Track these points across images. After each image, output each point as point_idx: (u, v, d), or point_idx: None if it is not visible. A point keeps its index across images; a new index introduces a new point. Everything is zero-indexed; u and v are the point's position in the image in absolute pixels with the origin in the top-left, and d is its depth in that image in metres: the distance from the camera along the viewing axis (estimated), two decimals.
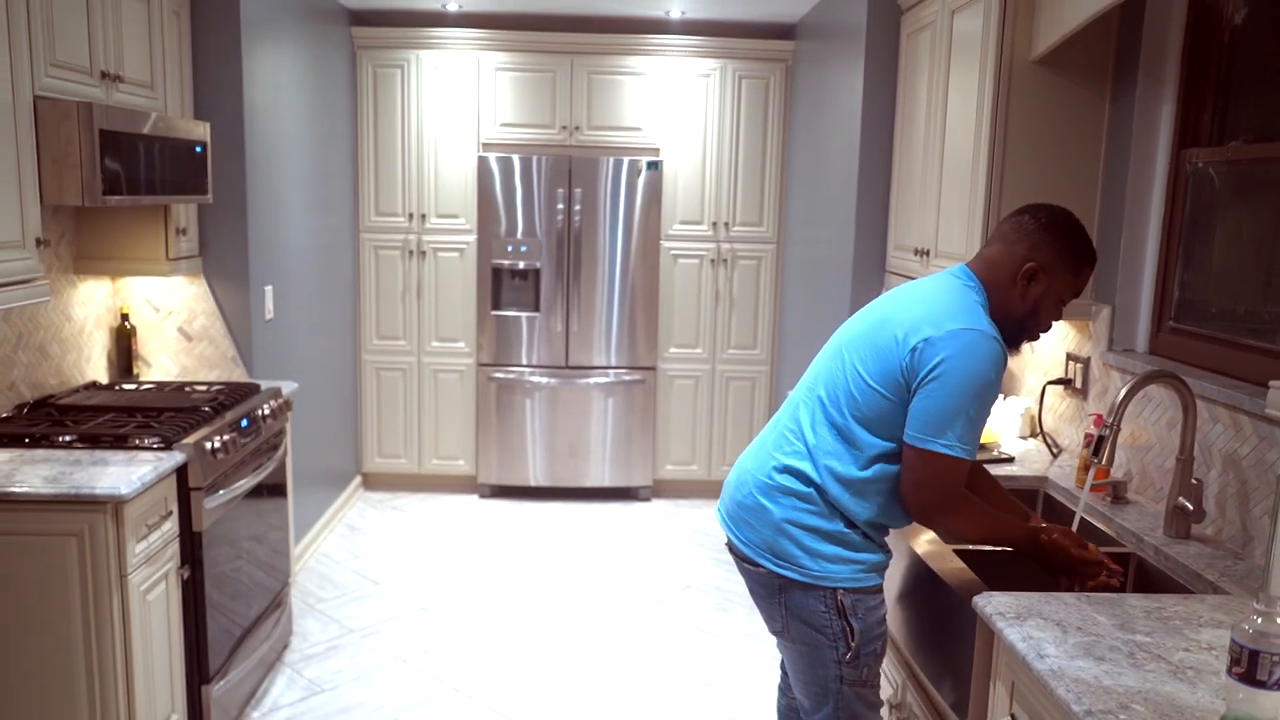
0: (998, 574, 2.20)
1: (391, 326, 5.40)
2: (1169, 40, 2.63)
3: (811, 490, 2.00)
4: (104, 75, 2.90)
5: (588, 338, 5.34)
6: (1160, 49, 2.65)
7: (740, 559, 2.12)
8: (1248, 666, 1.34)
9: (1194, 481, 2.22)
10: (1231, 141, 2.47)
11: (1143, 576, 2.24)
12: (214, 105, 3.66)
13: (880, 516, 2.01)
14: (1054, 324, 1.99)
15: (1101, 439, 2.17)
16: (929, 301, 1.95)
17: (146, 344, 3.71)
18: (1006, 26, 2.79)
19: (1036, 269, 1.94)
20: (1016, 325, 1.98)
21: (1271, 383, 1.60)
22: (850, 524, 1.99)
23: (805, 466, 2.01)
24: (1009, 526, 2.04)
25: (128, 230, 3.32)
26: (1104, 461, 2.30)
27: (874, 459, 1.96)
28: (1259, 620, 1.35)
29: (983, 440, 2.88)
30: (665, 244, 5.35)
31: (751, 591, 2.14)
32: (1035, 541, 2.02)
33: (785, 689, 2.42)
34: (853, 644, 2.00)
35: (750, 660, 3.67)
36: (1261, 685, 1.33)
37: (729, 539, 2.15)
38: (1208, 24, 2.55)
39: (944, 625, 2.13)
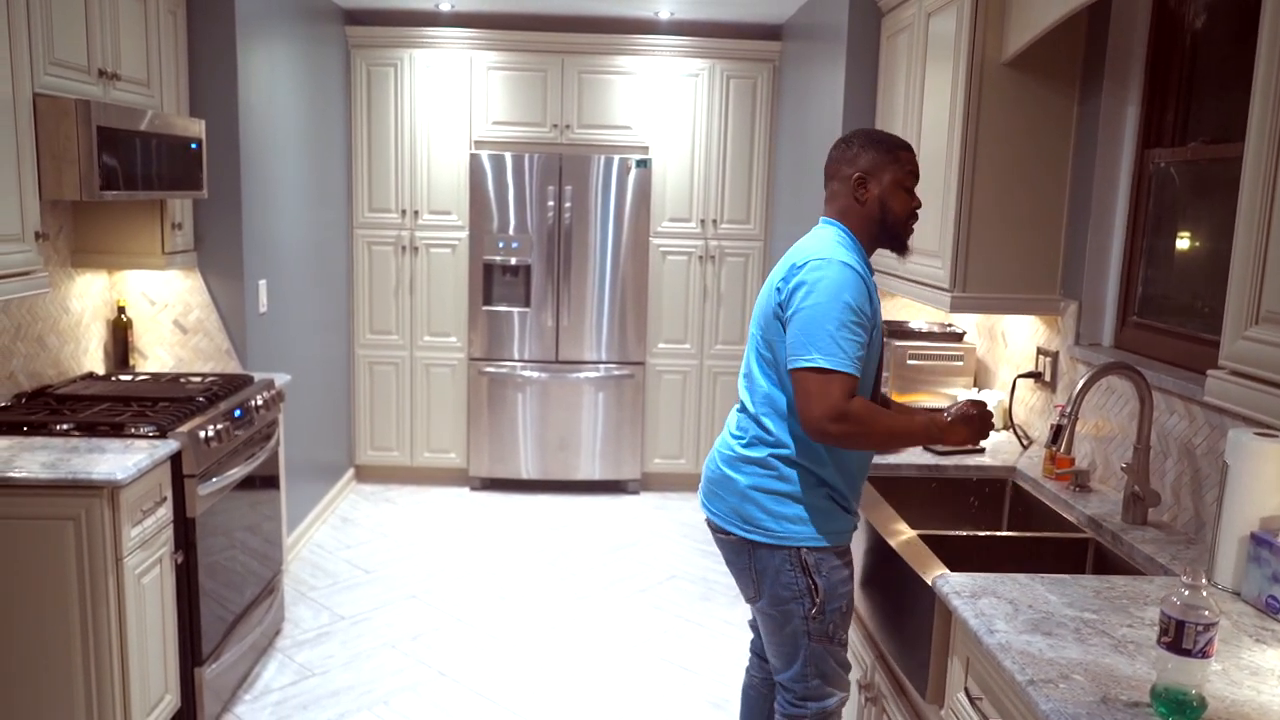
0: (962, 558, 2.29)
1: (384, 321, 5.48)
2: (1134, 44, 2.71)
3: (767, 455, 2.17)
4: (101, 73, 2.98)
5: (578, 333, 5.42)
6: (1125, 52, 2.73)
7: (715, 530, 2.29)
8: (1175, 636, 1.42)
9: (1124, 464, 2.30)
10: (1192, 142, 2.55)
11: (1100, 561, 2.33)
12: (209, 102, 3.74)
13: (838, 463, 2.16)
14: (916, 210, 2.22)
15: (1060, 428, 2.26)
16: (791, 254, 2.18)
17: (142, 336, 3.79)
18: (978, 29, 2.87)
19: (863, 176, 2.18)
20: (881, 228, 2.21)
21: (1209, 372, 1.68)
22: (810, 485, 2.15)
23: (758, 435, 2.19)
24: (904, 421, 2.18)
25: (124, 225, 3.40)
26: (1063, 450, 2.39)
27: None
28: (1186, 593, 1.43)
29: None
30: (654, 241, 5.43)
31: (727, 561, 2.30)
32: (938, 425, 2.16)
33: (752, 669, 2.56)
34: (818, 599, 2.16)
35: (730, 646, 3.76)
36: (1188, 654, 1.42)
37: (706, 516, 2.32)
38: (1170, 28, 2.63)
39: (908, 607, 2.21)
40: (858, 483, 2.24)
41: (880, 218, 2.20)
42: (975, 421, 2.16)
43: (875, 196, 2.19)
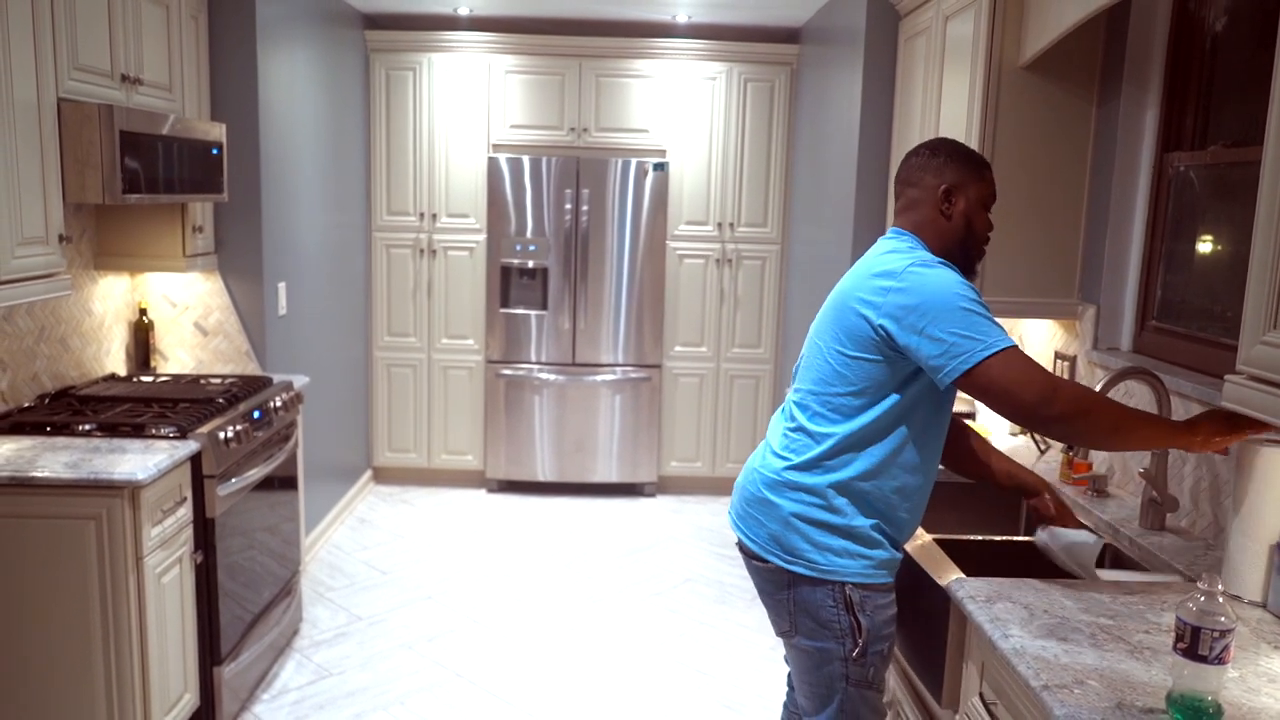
0: (978, 563, 2.28)
1: (402, 323, 5.51)
2: (1153, 47, 2.70)
3: (819, 483, 1.95)
4: (124, 78, 3.02)
5: (595, 336, 5.43)
6: (1145, 55, 2.72)
7: (749, 556, 2.09)
8: (1190, 642, 1.42)
9: (1142, 469, 2.29)
10: (1212, 146, 2.53)
11: (1117, 566, 2.31)
12: (230, 106, 3.77)
13: (901, 497, 1.97)
14: (989, 232, 2.07)
15: None
16: (870, 265, 1.99)
17: (163, 338, 3.82)
18: (996, 32, 2.86)
19: (950, 188, 2.02)
20: (960, 247, 2.04)
21: (1227, 377, 1.68)
22: (861, 516, 1.95)
23: (811, 459, 1.97)
24: (1147, 418, 1.86)
25: (146, 228, 3.43)
26: (1080, 454, 2.37)
27: (882, 431, 1.93)
28: (1202, 599, 1.43)
29: None
30: (671, 244, 5.44)
31: (760, 589, 2.11)
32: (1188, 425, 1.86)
33: (791, 705, 2.35)
34: (860, 640, 1.97)
35: (746, 650, 3.75)
36: (1204, 660, 1.41)
37: (739, 539, 2.12)
38: (1190, 31, 2.62)
39: (923, 611, 2.21)
40: (914, 521, 2.04)
41: (963, 236, 2.03)
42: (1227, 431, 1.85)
43: (961, 211, 2.02)
